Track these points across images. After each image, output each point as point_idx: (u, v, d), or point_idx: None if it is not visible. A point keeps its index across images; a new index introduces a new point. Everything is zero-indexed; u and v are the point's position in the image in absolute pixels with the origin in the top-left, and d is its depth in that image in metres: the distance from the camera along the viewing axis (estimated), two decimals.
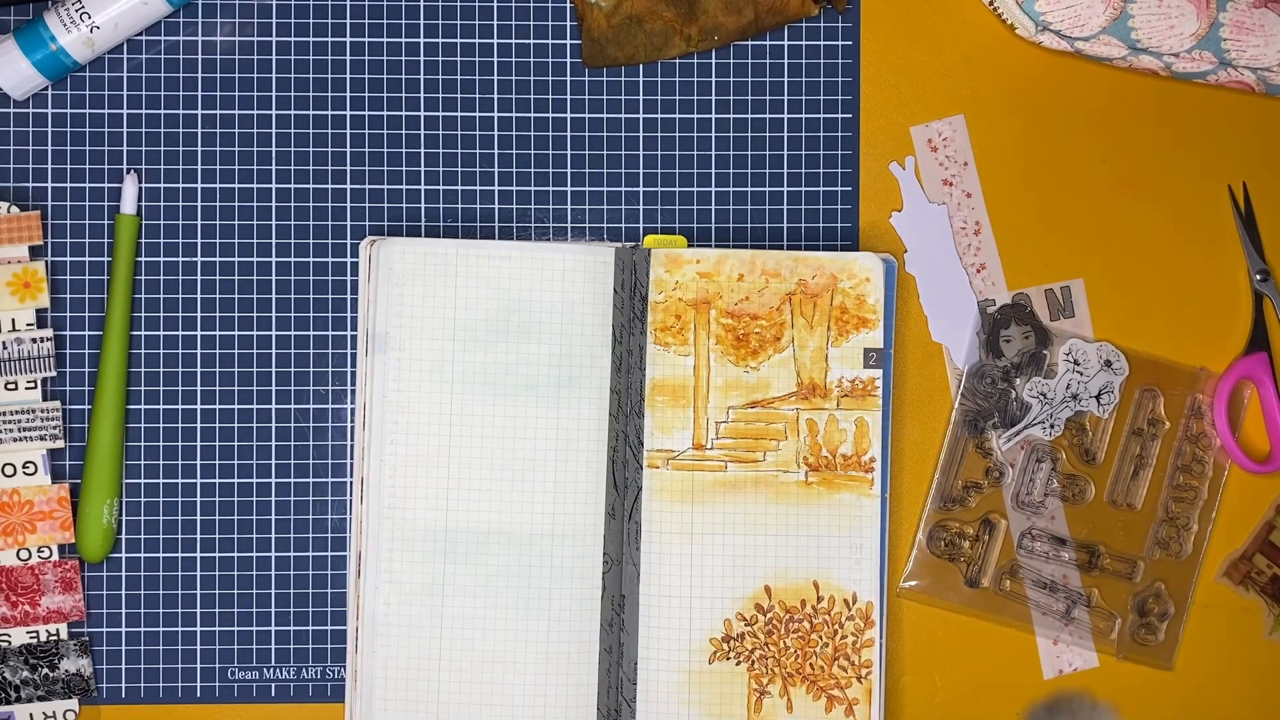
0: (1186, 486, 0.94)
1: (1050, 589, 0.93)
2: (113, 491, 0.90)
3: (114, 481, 0.90)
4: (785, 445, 0.90)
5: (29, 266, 0.90)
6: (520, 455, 0.90)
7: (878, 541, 0.90)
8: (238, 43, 0.92)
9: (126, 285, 0.90)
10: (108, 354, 0.90)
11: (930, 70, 0.94)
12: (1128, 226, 0.94)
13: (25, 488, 0.90)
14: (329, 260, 0.92)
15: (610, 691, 0.89)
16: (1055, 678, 0.94)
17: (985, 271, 0.94)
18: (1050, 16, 0.90)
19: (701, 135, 0.93)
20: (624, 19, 0.92)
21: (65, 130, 0.91)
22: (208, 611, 0.91)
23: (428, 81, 0.92)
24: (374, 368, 0.89)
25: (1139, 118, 0.94)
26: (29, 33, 0.88)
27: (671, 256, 0.90)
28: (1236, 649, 0.94)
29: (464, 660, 0.89)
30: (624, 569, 0.90)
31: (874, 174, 0.94)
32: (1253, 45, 0.90)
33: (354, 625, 0.89)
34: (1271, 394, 0.93)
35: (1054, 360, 0.93)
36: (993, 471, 0.93)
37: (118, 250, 0.90)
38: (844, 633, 0.90)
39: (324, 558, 0.92)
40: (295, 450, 0.92)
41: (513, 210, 0.93)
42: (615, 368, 0.90)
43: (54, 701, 0.90)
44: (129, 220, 0.91)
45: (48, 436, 0.90)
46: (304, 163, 0.92)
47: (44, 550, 0.90)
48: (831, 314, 0.90)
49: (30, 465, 0.90)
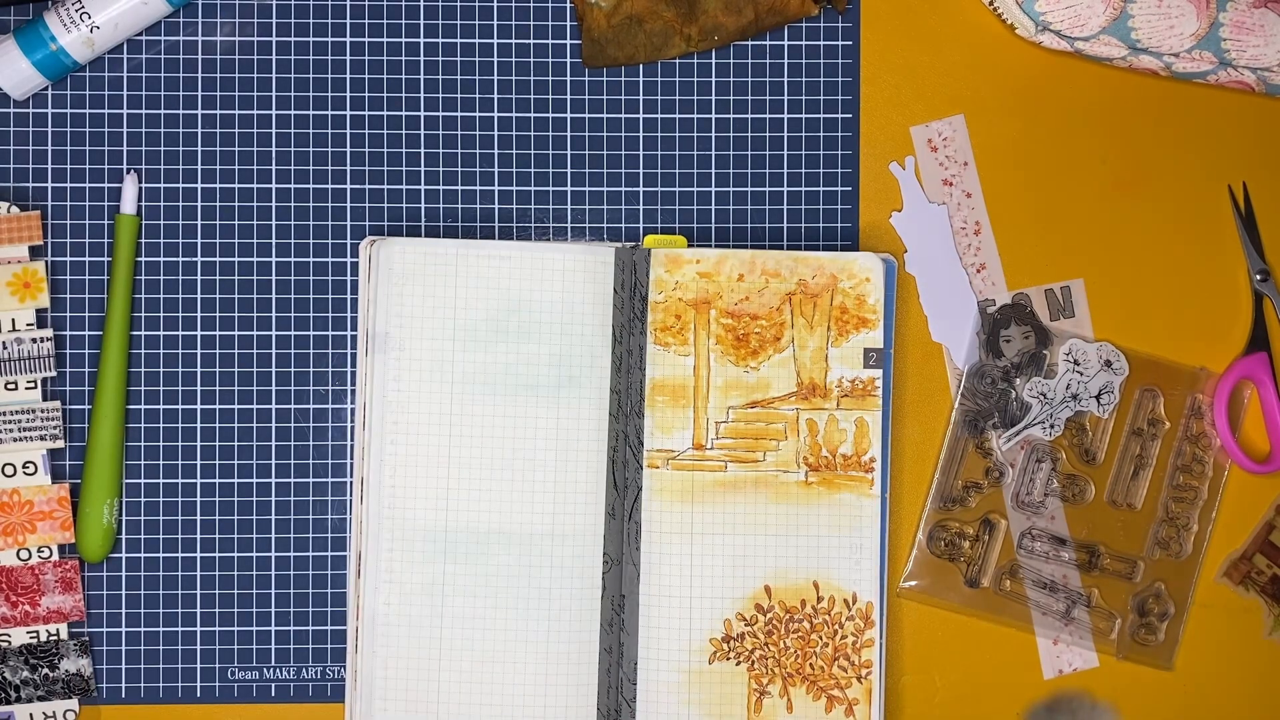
0: (1186, 486, 0.94)
1: (1050, 589, 0.93)
2: (113, 491, 0.90)
3: (114, 481, 0.90)
4: (785, 445, 0.90)
5: (29, 266, 0.90)
6: (520, 455, 0.90)
7: (878, 541, 0.90)
8: (238, 43, 0.92)
9: (126, 285, 0.90)
10: (108, 354, 0.90)
11: (930, 70, 0.94)
12: (1128, 226, 0.94)
13: (25, 488, 0.90)
14: (329, 260, 0.92)
15: (610, 691, 0.89)
16: (1055, 678, 0.94)
17: (985, 271, 0.94)
18: (1050, 16, 0.90)
19: (701, 135, 0.93)
20: (624, 19, 0.92)
21: (65, 130, 0.91)
22: (208, 611, 0.91)
23: (428, 81, 0.92)
24: (374, 368, 0.89)
25: (1139, 118, 0.94)
26: (29, 33, 0.88)
27: (671, 256, 0.90)
28: (1236, 649, 0.94)
29: (464, 660, 0.89)
30: (624, 569, 0.90)
31: (874, 174, 0.94)
32: (1253, 45, 0.90)
33: (354, 625, 0.89)
34: (1271, 394, 0.93)
35: (1054, 360, 0.93)
36: (993, 471, 0.93)
37: (118, 250, 0.90)
38: (844, 633, 0.90)
39: (324, 558, 0.92)
40: (295, 450, 0.92)
41: (513, 210, 0.93)
42: (615, 368, 0.90)
43: (54, 701, 0.90)
44: (129, 220, 0.91)
45: (48, 436, 0.90)
46: (304, 163, 0.92)
47: (44, 550, 0.90)
48: (831, 314, 0.90)
49: (30, 465, 0.90)
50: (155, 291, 0.92)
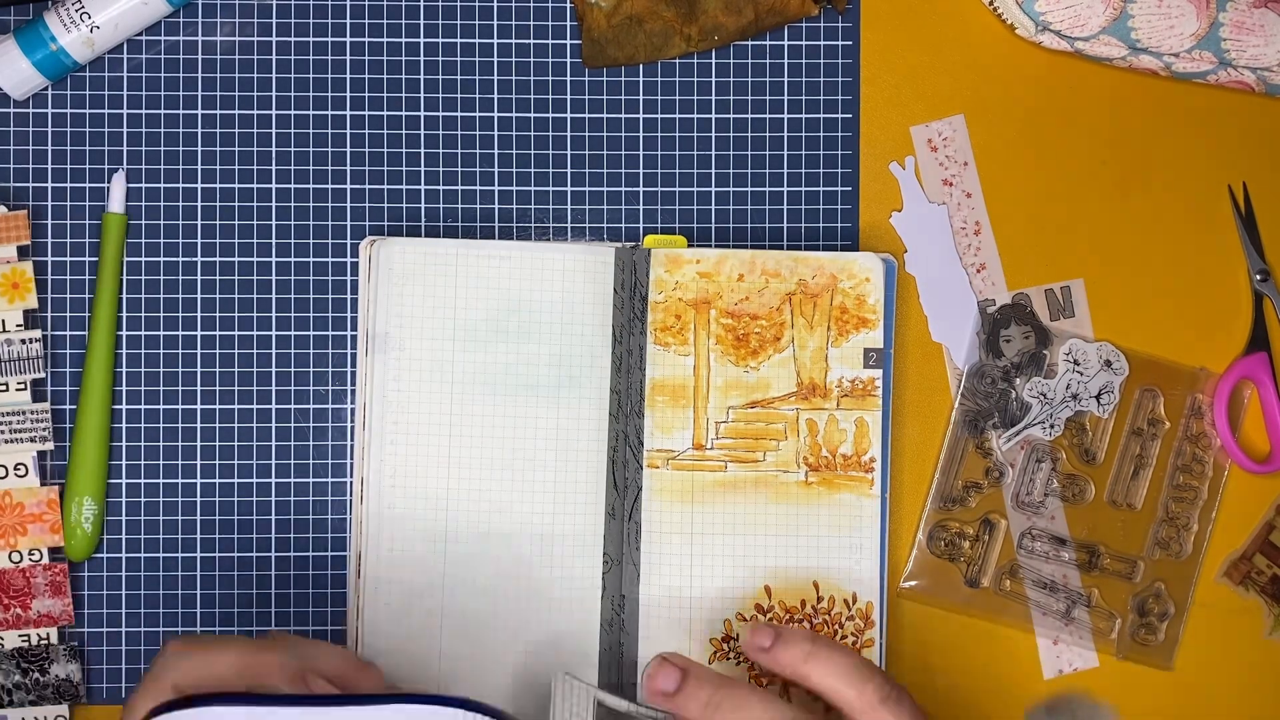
0: (1186, 486, 0.94)
1: (1050, 589, 0.93)
2: (90, 490, 0.89)
3: (97, 481, 0.90)
4: (785, 445, 0.90)
5: (17, 267, 0.90)
6: (520, 455, 0.90)
7: (878, 542, 0.90)
8: (238, 43, 0.92)
9: (113, 285, 0.90)
10: (93, 354, 0.90)
11: (930, 70, 0.94)
12: (1128, 226, 0.94)
13: (16, 490, 0.89)
14: (329, 260, 0.92)
15: (610, 692, 0.89)
16: (1055, 678, 0.94)
17: (985, 271, 0.94)
18: (1050, 16, 0.90)
19: (701, 135, 0.93)
20: (624, 19, 0.92)
21: (65, 130, 0.91)
22: (207, 611, 0.91)
23: (428, 81, 0.92)
24: (374, 368, 0.89)
25: (1139, 118, 0.94)
26: (29, 33, 0.88)
27: (671, 256, 0.90)
28: (1236, 649, 0.94)
29: (464, 660, 0.89)
30: (624, 569, 0.90)
31: (874, 174, 0.94)
32: (1253, 45, 0.90)
33: (354, 625, 0.89)
34: (1272, 394, 0.93)
35: (1054, 360, 0.93)
36: (993, 471, 0.93)
37: (104, 249, 0.90)
38: (844, 633, 0.90)
39: (324, 558, 0.92)
40: (295, 450, 0.92)
41: (513, 210, 0.93)
42: (615, 368, 0.90)
43: (44, 707, 0.90)
44: (116, 219, 0.90)
45: (38, 438, 0.89)
46: (304, 163, 0.92)
47: (34, 553, 0.89)
48: (831, 314, 0.90)
49: (21, 467, 0.89)
50: (155, 291, 0.91)
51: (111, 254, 0.90)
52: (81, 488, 0.89)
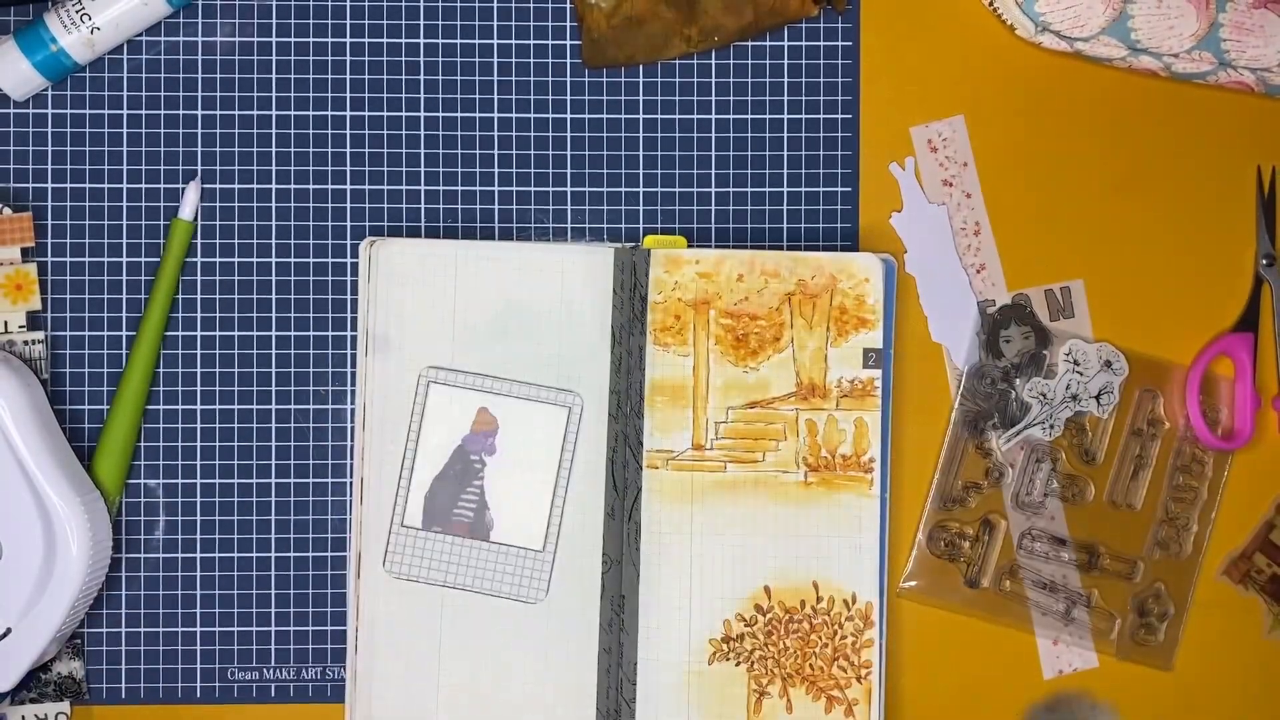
0: (1186, 486, 0.94)
1: (1050, 589, 0.93)
2: (119, 490, 0.90)
3: (118, 479, 0.90)
4: (785, 446, 0.90)
5: (21, 268, 0.90)
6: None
7: (877, 542, 0.90)
8: (238, 43, 0.92)
9: (169, 290, 0.90)
10: (136, 356, 0.89)
11: (930, 70, 0.94)
12: (1128, 226, 0.94)
13: None
14: (329, 260, 0.92)
15: (610, 692, 0.89)
16: (1055, 678, 0.94)
17: (985, 272, 0.94)
18: (1050, 17, 0.90)
19: (701, 135, 0.93)
20: (624, 19, 0.92)
21: (65, 131, 0.91)
22: (208, 611, 0.92)
23: (428, 82, 0.92)
24: (374, 368, 0.89)
25: (1139, 118, 0.94)
26: (29, 34, 0.88)
27: (671, 257, 0.90)
28: (1236, 649, 0.94)
29: (464, 660, 0.89)
30: (624, 569, 0.90)
31: (874, 174, 0.94)
32: (1252, 46, 0.90)
33: (354, 625, 0.89)
34: (1248, 373, 0.92)
35: (1054, 360, 0.93)
36: (993, 472, 0.93)
37: (167, 254, 0.90)
38: (844, 633, 0.90)
39: (324, 558, 0.92)
40: (295, 450, 0.92)
41: (513, 210, 0.93)
42: (615, 368, 0.90)
43: (46, 704, 0.90)
44: (184, 225, 0.90)
45: None
46: (304, 163, 0.92)
47: None
48: (831, 314, 0.90)
49: None
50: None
51: (174, 259, 0.90)
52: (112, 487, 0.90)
